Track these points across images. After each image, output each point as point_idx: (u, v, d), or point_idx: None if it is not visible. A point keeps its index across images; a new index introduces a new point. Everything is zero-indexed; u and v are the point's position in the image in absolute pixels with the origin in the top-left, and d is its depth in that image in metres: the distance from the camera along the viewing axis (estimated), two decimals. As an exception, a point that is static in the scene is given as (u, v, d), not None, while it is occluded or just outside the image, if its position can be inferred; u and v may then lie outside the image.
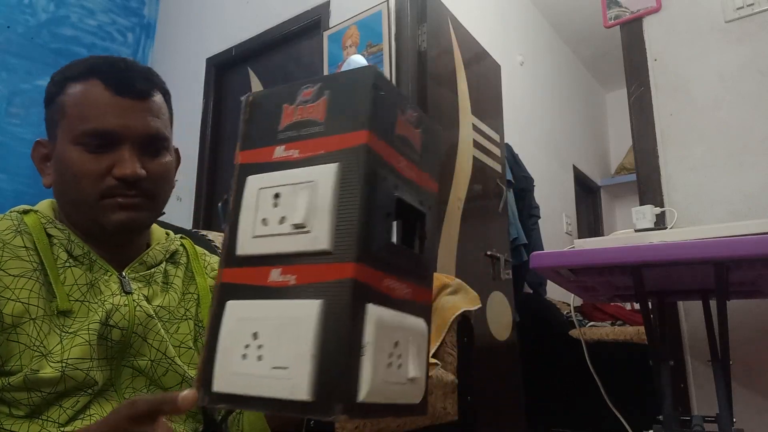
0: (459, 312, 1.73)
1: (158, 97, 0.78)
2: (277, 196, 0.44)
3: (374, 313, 0.40)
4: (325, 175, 0.42)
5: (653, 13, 1.91)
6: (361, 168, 0.41)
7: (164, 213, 0.85)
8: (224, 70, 3.25)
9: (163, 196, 0.80)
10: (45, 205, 0.79)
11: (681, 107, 1.82)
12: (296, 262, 0.42)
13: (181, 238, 0.90)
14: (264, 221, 0.44)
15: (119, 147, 0.73)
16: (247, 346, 0.41)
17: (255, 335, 0.41)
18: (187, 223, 3.01)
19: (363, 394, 0.38)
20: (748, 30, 1.74)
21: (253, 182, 0.46)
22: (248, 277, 0.44)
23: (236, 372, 0.41)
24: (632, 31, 1.95)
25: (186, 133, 3.21)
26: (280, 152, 0.46)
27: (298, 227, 0.42)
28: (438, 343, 1.67)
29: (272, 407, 0.40)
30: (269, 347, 0.40)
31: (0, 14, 2.89)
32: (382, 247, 0.42)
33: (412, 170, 0.46)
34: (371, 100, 0.42)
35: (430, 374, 1.52)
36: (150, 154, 0.76)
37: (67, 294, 0.71)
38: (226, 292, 0.45)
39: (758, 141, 1.68)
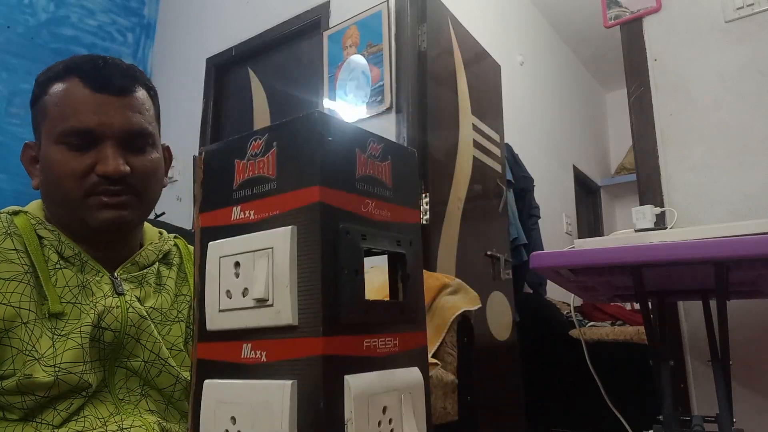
0: (459, 312, 1.73)
1: (141, 93, 0.77)
2: (237, 264, 0.42)
3: (353, 384, 0.38)
4: (281, 240, 0.39)
5: (653, 13, 1.91)
6: (317, 229, 0.38)
7: (164, 213, 0.85)
8: (224, 70, 3.25)
9: (152, 194, 0.78)
10: (35, 206, 0.79)
11: (681, 107, 1.82)
12: (264, 337, 0.40)
13: (175, 237, 0.89)
14: (228, 293, 0.42)
15: (101, 144, 0.72)
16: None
17: (233, 419, 0.39)
18: (187, 223, 3.01)
19: None
20: (748, 30, 1.74)
21: (214, 250, 0.44)
22: (222, 353, 0.42)
23: None
24: (632, 31, 1.95)
25: (186, 133, 3.21)
26: (236, 213, 0.43)
27: (260, 301, 0.40)
28: (438, 343, 1.67)
29: None
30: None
31: (0, 14, 2.89)
32: (354, 310, 0.39)
33: (383, 209, 0.44)
34: (320, 151, 0.39)
35: (430, 374, 1.52)
36: (134, 151, 0.75)
37: (59, 296, 0.70)
38: (202, 369, 0.43)
39: (758, 141, 1.68)
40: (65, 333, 0.69)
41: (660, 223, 1.72)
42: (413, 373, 0.43)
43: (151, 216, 2.71)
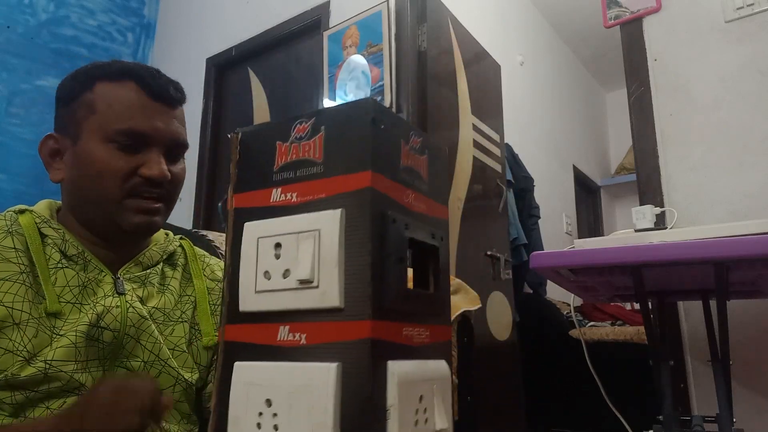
0: (459, 312, 1.73)
1: (182, 108, 0.82)
2: (278, 246, 0.41)
3: (396, 370, 0.37)
4: (330, 223, 0.39)
5: (653, 13, 1.91)
6: (367, 214, 0.38)
7: None
8: (224, 70, 3.25)
9: (175, 201, 0.82)
10: (42, 206, 0.79)
11: (681, 107, 1.82)
12: (305, 320, 0.39)
13: (180, 239, 0.90)
14: (266, 274, 0.41)
15: (148, 149, 0.75)
16: (260, 414, 0.38)
17: (268, 402, 0.38)
18: (187, 223, 3.01)
19: None
20: (748, 30, 1.74)
21: (251, 230, 0.43)
22: (254, 336, 0.41)
23: None
24: (632, 31, 1.95)
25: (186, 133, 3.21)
26: (276, 195, 0.43)
27: (305, 282, 0.39)
28: (438, 343, 1.67)
29: None
30: (285, 416, 0.38)
31: (0, 14, 2.89)
32: (396, 297, 0.39)
33: (421, 202, 0.44)
34: (372, 137, 0.39)
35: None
36: (172, 160, 0.78)
37: (57, 296, 0.70)
38: (231, 351, 0.42)
39: (758, 141, 1.68)
40: (63, 332, 0.69)
41: (660, 223, 1.72)
42: (442, 365, 0.44)
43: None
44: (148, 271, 0.80)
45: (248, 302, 0.42)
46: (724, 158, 1.72)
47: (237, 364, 0.41)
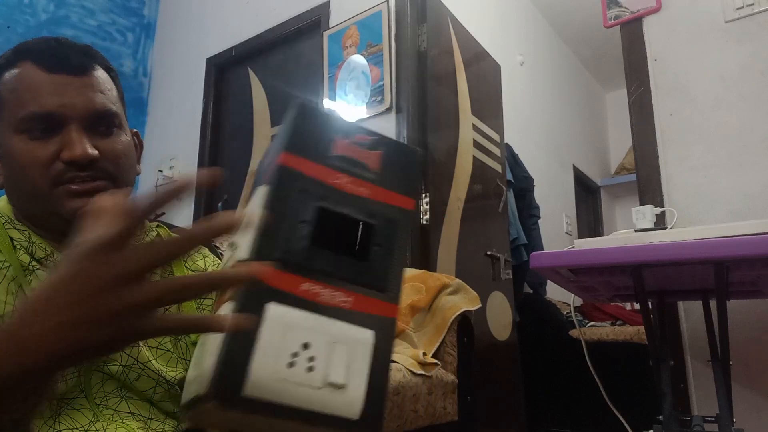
0: (459, 312, 1.73)
1: (100, 73, 0.71)
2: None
3: (274, 312, 0.42)
4: (260, 195, 0.46)
5: (653, 13, 1.91)
6: (274, 182, 0.45)
7: (164, 213, 0.82)
8: (224, 70, 3.25)
9: (127, 179, 0.72)
10: (3, 203, 0.73)
11: (681, 107, 1.82)
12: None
13: (158, 227, 0.84)
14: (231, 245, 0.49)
15: (64, 129, 0.66)
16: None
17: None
18: (187, 223, 3.01)
19: (247, 388, 0.39)
20: (748, 30, 1.74)
21: (258, 195, 0.49)
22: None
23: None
24: (632, 31, 1.95)
25: (186, 133, 3.21)
26: (254, 165, 0.51)
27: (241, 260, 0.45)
28: (438, 343, 1.67)
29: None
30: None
31: (0, 14, 2.89)
32: (294, 249, 0.44)
33: (361, 186, 0.48)
34: (292, 124, 0.47)
35: (429, 374, 1.52)
36: (101, 134, 0.69)
37: None
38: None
39: (758, 141, 1.68)
40: None
41: (660, 223, 1.72)
42: (363, 333, 0.45)
43: (151, 215, 2.71)
44: None
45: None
46: (724, 158, 1.72)
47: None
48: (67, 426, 0.63)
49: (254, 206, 0.46)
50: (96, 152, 0.67)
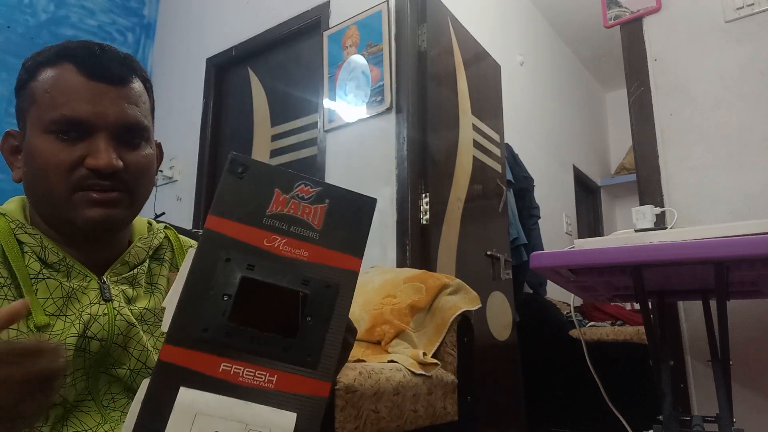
0: (459, 312, 1.73)
1: (137, 85, 0.72)
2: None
3: (182, 396, 0.39)
4: (188, 255, 0.44)
5: (653, 13, 1.91)
6: (196, 250, 0.43)
7: (164, 213, 0.82)
8: (224, 70, 3.25)
9: (143, 192, 0.73)
10: (14, 206, 0.72)
11: (681, 107, 1.82)
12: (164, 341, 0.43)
13: (165, 228, 0.83)
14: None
15: (93, 136, 0.66)
16: None
17: None
18: (187, 223, 3.01)
19: None
20: (748, 30, 1.74)
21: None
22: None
23: None
24: (632, 31, 1.95)
25: (186, 133, 3.21)
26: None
27: (163, 310, 0.44)
28: (438, 343, 1.67)
29: None
30: None
31: (0, 14, 2.89)
32: (214, 328, 0.41)
33: (299, 248, 0.45)
34: (222, 184, 0.45)
35: (429, 374, 1.52)
36: (128, 146, 0.69)
37: (42, 308, 0.65)
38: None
39: (758, 141, 1.68)
40: None
41: (660, 223, 1.72)
42: (282, 416, 0.41)
43: (152, 215, 2.72)
44: (135, 270, 0.74)
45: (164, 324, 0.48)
46: (724, 158, 1.72)
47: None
48: (75, 429, 0.64)
49: (184, 267, 0.44)
50: (121, 163, 0.67)
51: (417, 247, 2.17)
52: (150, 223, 0.81)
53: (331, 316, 0.44)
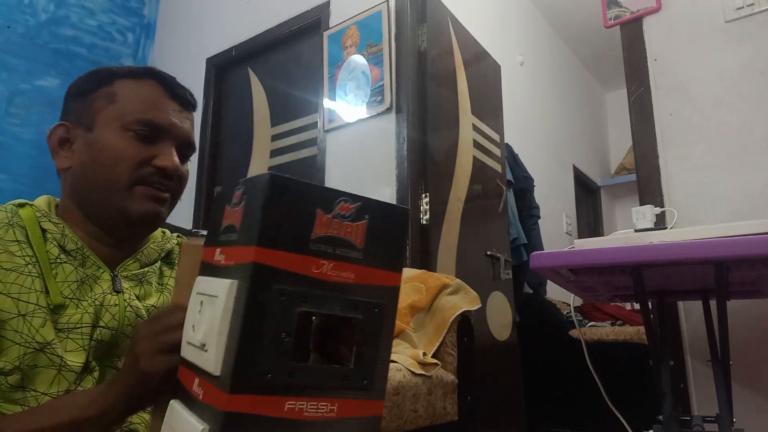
0: (459, 312, 1.73)
1: (193, 116, 0.85)
2: (202, 303, 0.45)
3: None
4: (224, 292, 0.41)
5: (653, 13, 1.91)
6: (244, 289, 0.40)
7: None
8: (224, 70, 3.25)
9: (178, 200, 0.83)
10: (42, 200, 0.79)
11: (681, 107, 1.82)
12: (203, 377, 0.42)
13: (177, 236, 0.90)
14: (193, 327, 0.46)
15: (163, 142, 0.77)
16: None
17: None
18: (188, 223, 3.01)
19: None
20: (748, 30, 1.74)
21: (197, 284, 0.48)
22: (184, 379, 0.47)
23: None
24: (632, 31, 1.95)
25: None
26: (217, 255, 0.46)
27: (201, 345, 0.42)
28: (438, 343, 1.67)
29: None
30: None
31: (0, 14, 2.89)
32: (276, 370, 0.40)
33: (345, 271, 0.43)
34: (261, 211, 0.40)
35: (429, 374, 1.52)
36: (181, 158, 0.80)
37: (60, 290, 0.71)
38: (175, 389, 0.48)
39: (758, 141, 1.68)
40: (66, 329, 0.69)
41: (660, 223, 1.72)
42: None
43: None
44: (146, 269, 0.80)
45: (184, 349, 0.47)
46: (724, 158, 1.72)
47: (171, 402, 0.47)
48: None
49: (221, 302, 0.41)
50: (182, 169, 0.79)
51: (417, 247, 2.17)
52: (164, 231, 0.88)
53: (381, 335, 0.44)
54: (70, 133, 0.79)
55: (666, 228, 1.61)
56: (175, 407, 0.46)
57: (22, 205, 0.76)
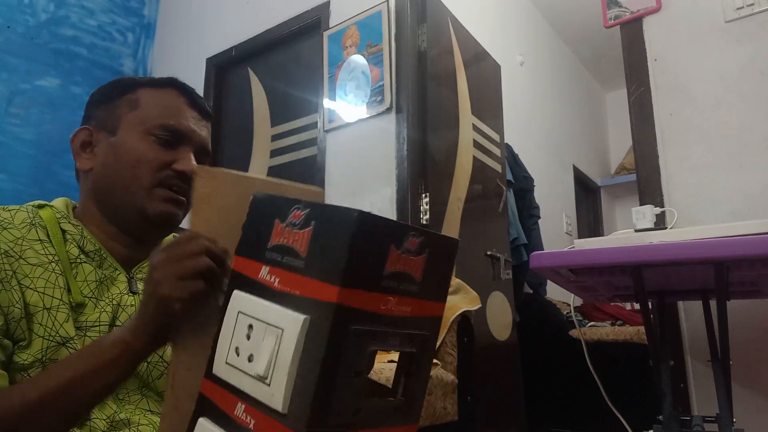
0: (459, 312, 1.73)
1: (210, 125, 0.88)
2: (251, 327, 0.43)
3: None
4: (293, 326, 0.39)
5: (653, 13, 1.91)
6: (325, 329, 0.38)
7: None
8: (224, 70, 3.25)
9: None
10: (60, 202, 0.82)
11: (681, 107, 1.82)
12: (258, 407, 0.41)
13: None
14: (236, 350, 0.44)
15: (183, 147, 0.81)
16: None
17: None
18: (187, 223, 3.01)
19: None
20: (748, 30, 1.74)
21: (236, 300, 0.45)
22: (219, 399, 0.44)
23: None
24: (632, 31, 1.95)
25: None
26: (264, 273, 0.44)
27: (261, 377, 0.41)
28: (438, 343, 1.67)
29: None
30: None
31: (0, 14, 2.89)
32: (345, 411, 0.39)
33: (405, 305, 0.43)
34: (347, 250, 0.38)
35: (429, 374, 1.52)
36: (197, 164, 0.83)
37: (80, 289, 0.73)
38: (201, 405, 0.46)
39: (758, 141, 1.68)
40: (85, 327, 0.71)
41: (660, 223, 1.72)
42: None
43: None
44: None
45: (219, 369, 0.45)
46: (724, 158, 1.72)
47: (200, 420, 0.45)
48: (95, 415, 0.70)
49: (292, 338, 0.39)
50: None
51: (417, 247, 2.17)
52: (175, 235, 0.90)
53: (428, 366, 0.44)
54: (93, 136, 0.82)
55: (666, 228, 1.61)
56: (206, 426, 0.44)
57: (41, 206, 0.78)
